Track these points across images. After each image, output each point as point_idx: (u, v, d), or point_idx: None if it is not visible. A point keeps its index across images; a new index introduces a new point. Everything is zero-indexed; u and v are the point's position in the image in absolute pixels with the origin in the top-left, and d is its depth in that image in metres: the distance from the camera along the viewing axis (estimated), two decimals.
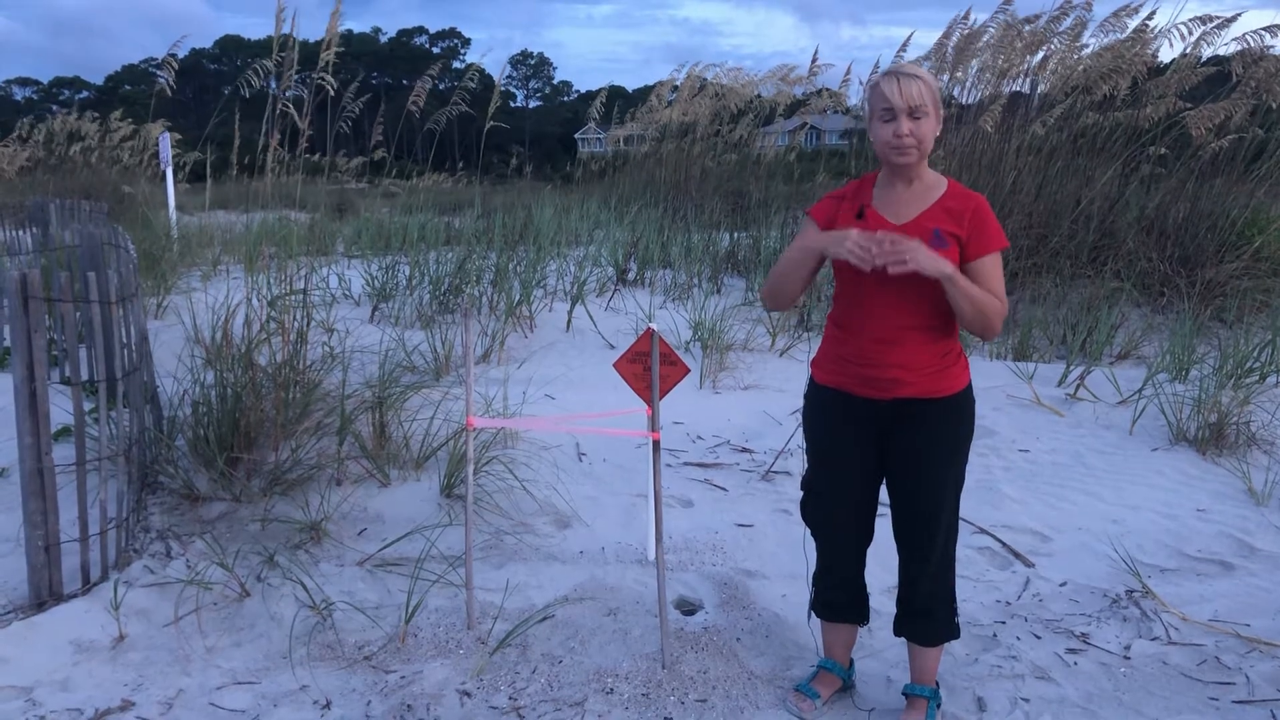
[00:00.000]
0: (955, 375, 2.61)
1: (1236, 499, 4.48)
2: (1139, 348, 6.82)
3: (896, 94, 2.43)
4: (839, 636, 2.95)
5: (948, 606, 2.74)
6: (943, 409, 2.59)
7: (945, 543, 2.68)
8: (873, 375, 2.58)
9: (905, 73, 2.45)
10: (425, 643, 3.17)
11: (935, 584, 2.71)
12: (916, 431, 2.60)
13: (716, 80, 14.27)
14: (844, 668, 2.96)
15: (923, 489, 2.63)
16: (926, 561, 2.68)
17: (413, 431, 4.53)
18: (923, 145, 2.48)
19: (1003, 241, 2.52)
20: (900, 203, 2.57)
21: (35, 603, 3.22)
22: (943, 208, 2.52)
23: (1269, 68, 7.85)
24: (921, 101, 2.43)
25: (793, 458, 4.86)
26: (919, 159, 2.50)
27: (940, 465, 2.61)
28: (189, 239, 10.41)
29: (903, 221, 2.53)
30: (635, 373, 3.07)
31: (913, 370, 2.55)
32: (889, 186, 2.60)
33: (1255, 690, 2.95)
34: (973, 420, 2.68)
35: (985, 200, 2.55)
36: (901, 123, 2.45)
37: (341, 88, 5.14)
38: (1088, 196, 8.07)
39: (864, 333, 2.59)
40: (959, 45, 8.82)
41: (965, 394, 2.64)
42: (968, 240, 2.48)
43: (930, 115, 2.46)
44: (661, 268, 9.32)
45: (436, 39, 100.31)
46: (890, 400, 2.59)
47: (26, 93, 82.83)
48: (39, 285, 3.15)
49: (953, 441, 2.62)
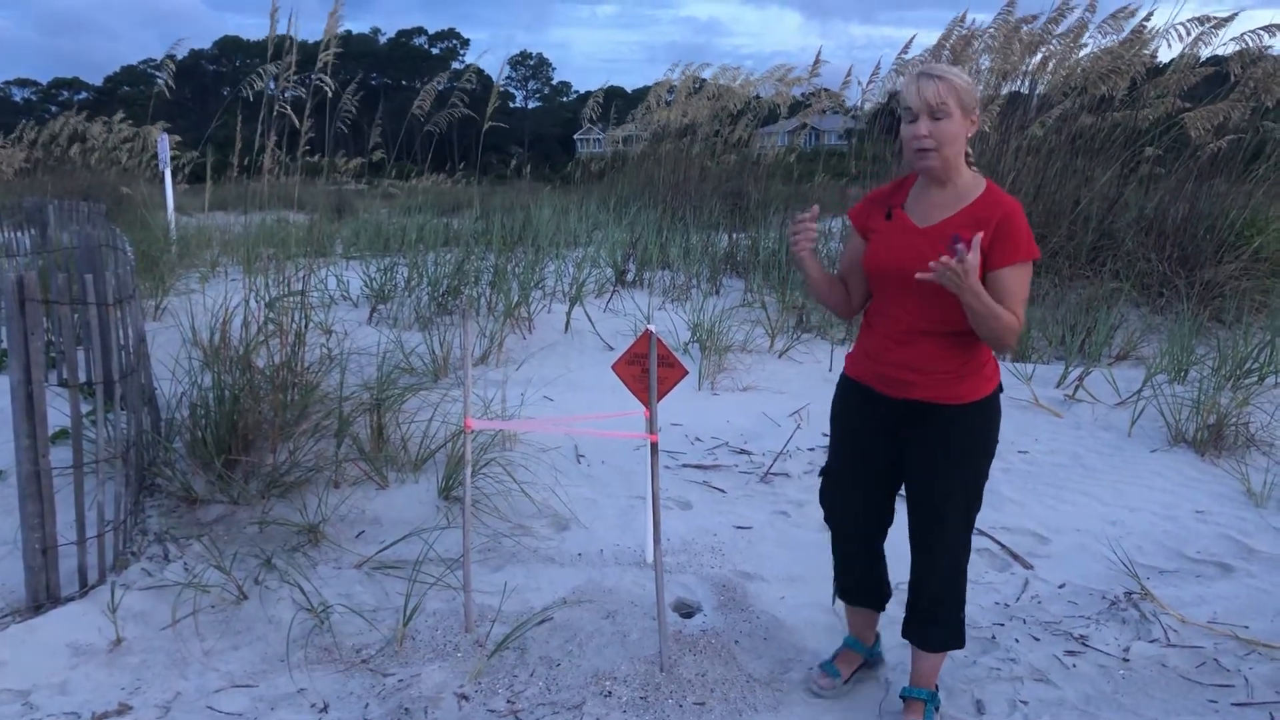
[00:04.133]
0: (974, 384, 2.57)
1: (1235, 500, 4.48)
2: (1138, 348, 6.82)
3: (914, 94, 2.42)
4: (859, 618, 3.03)
5: (954, 615, 2.73)
6: (955, 416, 2.56)
7: (952, 550, 2.66)
8: (887, 374, 2.61)
9: (929, 72, 2.43)
10: (423, 645, 3.17)
11: (941, 589, 2.70)
12: (927, 435, 2.60)
13: (715, 80, 14.27)
14: (866, 646, 3.05)
15: (928, 493, 2.63)
16: (930, 565, 2.68)
17: (411, 433, 4.53)
18: (945, 148, 2.44)
19: (1031, 253, 2.44)
20: (931, 205, 2.55)
21: (32, 605, 3.22)
22: (971, 214, 2.48)
23: (1267, 68, 7.85)
24: (942, 101, 2.39)
25: (791, 459, 4.86)
26: (943, 162, 2.47)
27: (946, 472, 2.59)
28: (187, 240, 10.39)
29: (926, 225, 2.53)
30: (633, 374, 3.07)
31: (923, 373, 2.54)
32: (924, 187, 2.59)
33: (1254, 692, 2.95)
34: (991, 433, 2.63)
35: (1018, 208, 2.46)
36: (921, 123, 2.43)
37: (340, 88, 5.13)
38: (1086, 197, 8.07)
39: (881, 331, 2.63)
40: (956, 46, 8.82)
41: (983, 404, 2.59)
42: (990, 249, 2.41)
43: (954, 116, 2.42)
44: (660, 269, 9.31)
45: (436, 40, 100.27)
46: (902, 400, 2.60)
47: (25, 94, 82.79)
48: (35, 287, 3.14)
49: (963, 450, 2.59)
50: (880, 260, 2.58)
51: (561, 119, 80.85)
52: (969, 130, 2.47)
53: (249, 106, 5.22)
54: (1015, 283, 2.43)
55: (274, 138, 4.83)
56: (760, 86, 13.96)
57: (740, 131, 14.15)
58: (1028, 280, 2.47)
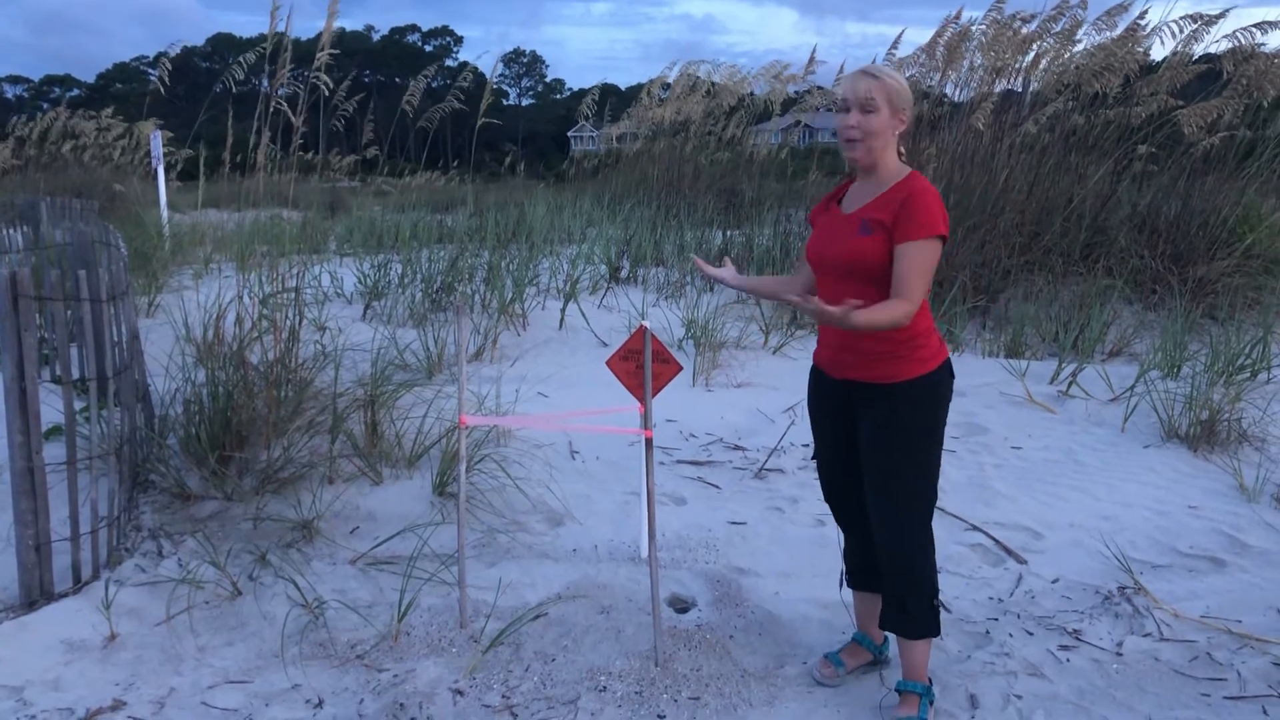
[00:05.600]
0: (908, 365, 2.63)
1: (1228, 495, 4.50)
2: (1131, 345, 6.84)
3: (849, 88, 2.63)
4: (867, 607, 3.04)
5: (922, 600, 2.73)
6: (892, 395, 2.64)
7: (905, 534, 2.69)
8: (830, 356, 2.79)
9: (868, 71, 2.63)
10: (418, 641, 3.17)
11: (902, 574, 2.72)
12: (870, 415, 2.70)
13: (709, 78, 14.27)
14: (875, 643, 3.06)
15: (872, 472, 2.69)
16: (886, 549, 2.72)
17: (405, 430, 4.52)
18: (870, 139, 2.60)
19: (931, 229, 2.52)
20: (859, 195, 2.73)
21: (26, 602, 3.21)
22: (885, 199, 2.63)
23: (1259, 65, 7.88)
24: (871, 97, 2.57)
25: (785, 455, 4.87)
26: (867, 152, 2.62)
27: (886, 451, 2.65)
28: (180, 237, 10.37)
29: (849, 212, 2.71)
30: (628, 370, 3.07)
31: (855, 354, 2.68)
32: (860, 182, 2.77)
33: (1247, 686, 2.96)
34: (930, 413, 2.66)
35: (927, 191, 2.57)
36: (851, 115, 2.61)
37: (334, 85, 5.12)
38: (1080, 194, 8.09)
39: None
40: (950, 44, 8.83)
41: (920, 384, 2.63)
42: (893, 226, 2.56)
43: (882, 112, 2.58)
44: (654, 266, 9.31)
45: (429, 37, 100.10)
46: (844, 381, 2.75)
47: (17, 90, 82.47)
48: (29, 283, 3.13)
49: (902, 428, 2.64)
50: (812, 248, 2.80)
51: (555, 116, 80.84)
52: (897, 128, 2.63)
53: (242, 103, 5.21)
54: (914, 259, 2.53)
55: (268, 134, 4.82)
56: (755, 84, 13.97)
57: (734, 129, 14.15)
58: (930, 259, 2.54)
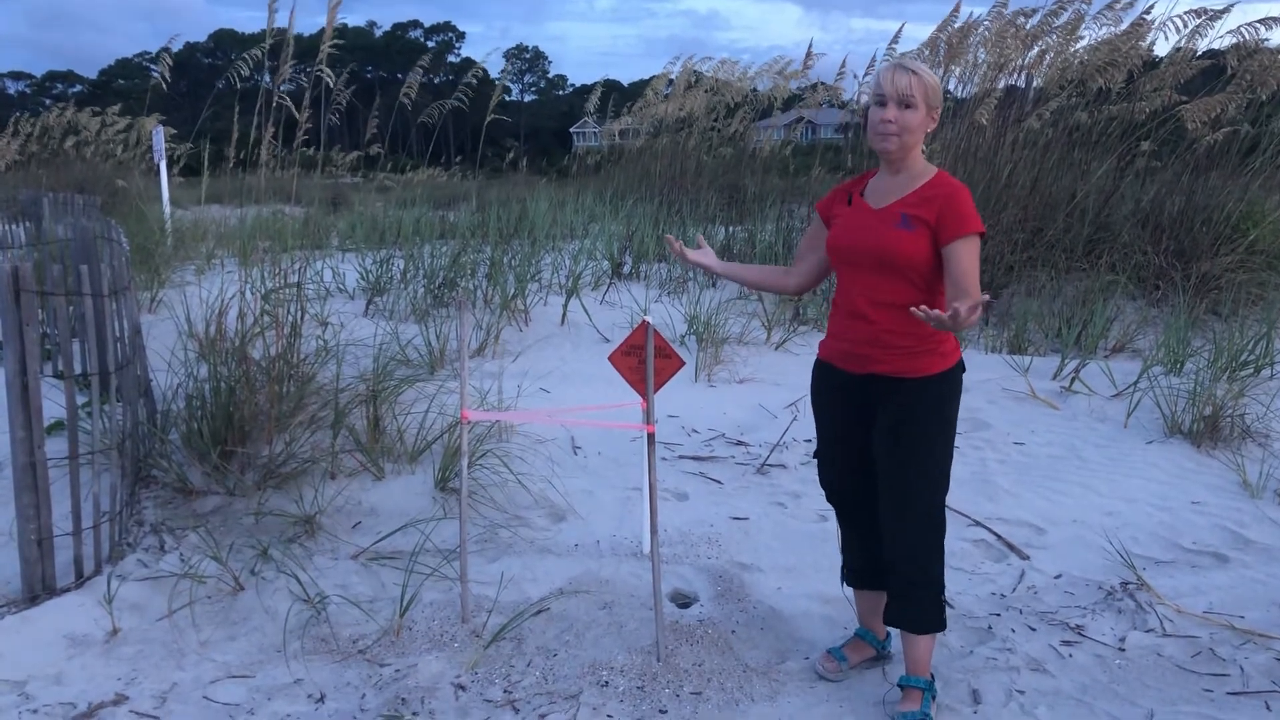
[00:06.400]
0: (933, 359, 2.64)
1: (1231, 491, 4.49)
2: (1134, 341, 6.83)
3: (889, 82, 2.59)
4: (868, 604, 3.04)
5: (929, 594, 2.73)
6: (916, 389, 2.64)
7: (920, 527, 2.69)
8: (850, 350, 2.74)
9: (903, 65, 2.59)
10: (420, 636, 3.17)
11: (911, 567, 2.71)
12: (889, 409, 2.68)
13: (712, 74, 14.25)
14: (878, 638, 3.06)
15: (891, 466, 2.68)
16: (899, 543, 2.71)
17: (407, 425, 4.52)
18: (906, 135, 2.60)
19: (975, 226, 2.55)
20: (886, 190, 2.70)
21: (28, 596, 3.21)
22: (920, 195, 2.62)
23: (1263, 60, 7.85)
24: (910, 93, 2.56)
25: (788, 451, 4.86)
26: (900, 148, 2.62)
27: (908, 445, 2.65)
28: (183, 233, 10.37)
29: (880, 207, 2.68)
30: (630, 366, 3.06)
31: (882, 347, 2.65)
32: (881, 176, 2.75)
33: (1250, 682, 2.95)
34: (950, 407, 2.69)
35: (965, 190, 2.59)
36: (890, 109, 2.59)
37: (336, 79, 5.11)
38: (1083, 190, 8.07)
39: (843, 310, 2.76)
40: (952, 39, 8.80)
41: (943, 378, 2.66)
42: (937, 225, 2.55)
43: (919, 108, 2.59)
44: (657, 261, 9.30)
45: (431, 33, 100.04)
46: (865, 375, 2.72)
47: (20, 86, 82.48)
48: (31, 278, 3.13)
49: (925, 423, 2.64)
50: (839, 241, 2.75)
51: (558, 112, 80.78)
52: (928, 126, 2.63)
53: (244, 99, 5.20)
54: (968, 258, 2.53)
55: (270, 130, 4.81)
56: (758, 80, 13.95)
57: (736, 125, 14.13)
58: (978, 255, 2.57)
